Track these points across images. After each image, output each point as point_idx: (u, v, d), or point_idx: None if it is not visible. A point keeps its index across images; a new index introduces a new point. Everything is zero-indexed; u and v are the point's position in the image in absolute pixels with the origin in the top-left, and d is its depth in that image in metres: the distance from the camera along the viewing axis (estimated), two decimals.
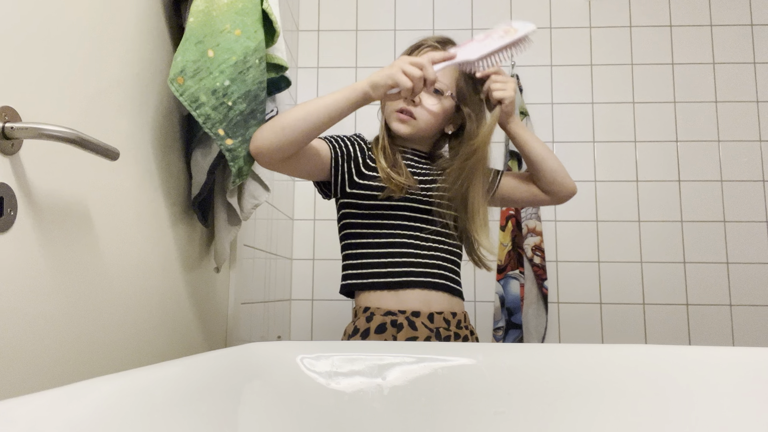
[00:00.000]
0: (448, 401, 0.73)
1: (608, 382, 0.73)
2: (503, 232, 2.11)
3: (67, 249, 0.77)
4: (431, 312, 1.13)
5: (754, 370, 0.71)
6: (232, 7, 1.04)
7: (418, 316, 1.12)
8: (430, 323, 1.12)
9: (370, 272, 1.15)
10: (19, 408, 0.40)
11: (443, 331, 1.14)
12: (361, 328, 1.12)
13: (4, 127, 0.65)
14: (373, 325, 1.11)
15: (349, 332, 1.15)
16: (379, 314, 1.12)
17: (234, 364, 0.70)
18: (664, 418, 0.69)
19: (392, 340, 1.10)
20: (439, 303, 1.15)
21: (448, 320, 1.15)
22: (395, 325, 1.11)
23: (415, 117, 1.15)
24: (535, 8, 2.28)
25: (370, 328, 1.11)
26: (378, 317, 1.12)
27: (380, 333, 1.11)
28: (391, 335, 1.10)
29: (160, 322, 1.06)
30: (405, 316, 1.11)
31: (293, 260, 2.20)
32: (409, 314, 1.12)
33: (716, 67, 2.22)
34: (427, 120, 1.16)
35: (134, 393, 0.50)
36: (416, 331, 1.11)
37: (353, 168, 1.16)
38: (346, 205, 1.19)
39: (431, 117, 1.15)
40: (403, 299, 1.13)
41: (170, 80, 0.98)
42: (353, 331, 1.14)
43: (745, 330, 2.09)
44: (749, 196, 2.16)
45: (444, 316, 1.15)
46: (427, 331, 1.11)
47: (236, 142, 1.05)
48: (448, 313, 1.16)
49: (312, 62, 2.28)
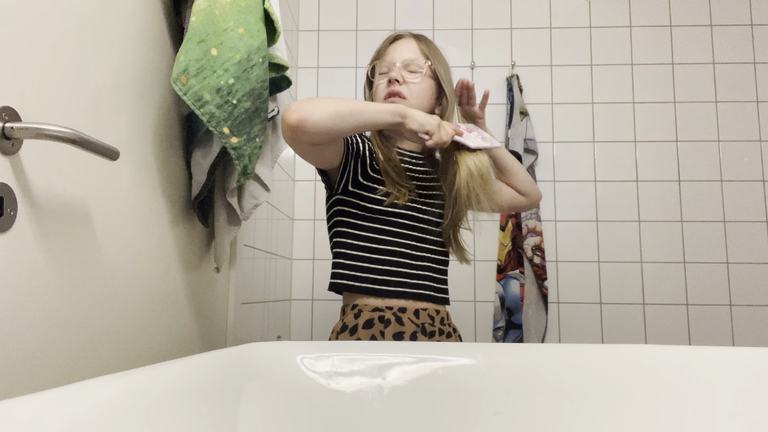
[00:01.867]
0: (448, 401, 0.73)
1: (608, 382, 0.73)
2: (503, 232, 2.11)
3: (67, 249, 0.77)
4: (416, 308, 1.16)
5: (754, 370, 0.71)
6: (235, 5, 1.03)
7: (404, 312, 1.14)
8: (416, 318, 1.15)
9: (361, 276, 1.15)
10: (19, 408, 0.40)
11: (428, 326, 1.16)
12: (349, 324, 1.14)
13: (4, 127, 0.65)
14: (361, 320, 1.13)
15: (337, 330, 1.17)
16: (366, 310, 1.14)
17: (234, 364, 0.70)
18: (664, 417, 0.69)
19: (380, 335, 1.12)
20: (425, 304, 1.18)
21: (432, 316, 1.18)
22: (383, 321, 1.13)
23: (404, 96, 1.17)
24: (535, 8, 2.28)
25: (358, 324, 1.13)
26: (366, 313, 1.14)
27: (368, 328, 1.12)
28: (379, 330, 1.12)
29: (160, 322, 1.06)
30: (392, 312, 1.14)
31: (293, 260, 2.20)
32: (396, 310, 1.14)
33: (716, 67, 2.22)
34: (417, 94, 1.18)
35: (134, 393, 0.50)
36: (403, 326, 1.13)
37: (359, 167, 1.16)
38: (343, 202, 1.19)
39: (419, 90, 1.18)
40: (391, 303, 1.15)
41: (173, 79, 0.98)
42: (341, 328, 1.15)
43: (745, 330, 2.09)
44: (749, 196, 2.16)
45: (428, 313, 1.17)
46: (413, 326, 1.14)
47: (241, 140, 1.05)
48: (432, 310, 1.18)
49: (312, 62, 2.28)
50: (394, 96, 1.17)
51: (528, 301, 2.08)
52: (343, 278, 1.17)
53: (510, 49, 2.26)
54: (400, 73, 1.18)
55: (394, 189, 1.15)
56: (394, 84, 1.17)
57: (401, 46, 1.22)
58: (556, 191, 2.19)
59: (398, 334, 1.12)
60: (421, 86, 1.19)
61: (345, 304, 1.19)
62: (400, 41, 1.23)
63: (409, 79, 1.18)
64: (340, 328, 1.16)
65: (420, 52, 1.21)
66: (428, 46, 1.23)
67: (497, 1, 2.29)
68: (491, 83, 2.22)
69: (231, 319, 1.42)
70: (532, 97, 2.23)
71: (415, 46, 1.21)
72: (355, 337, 1.13)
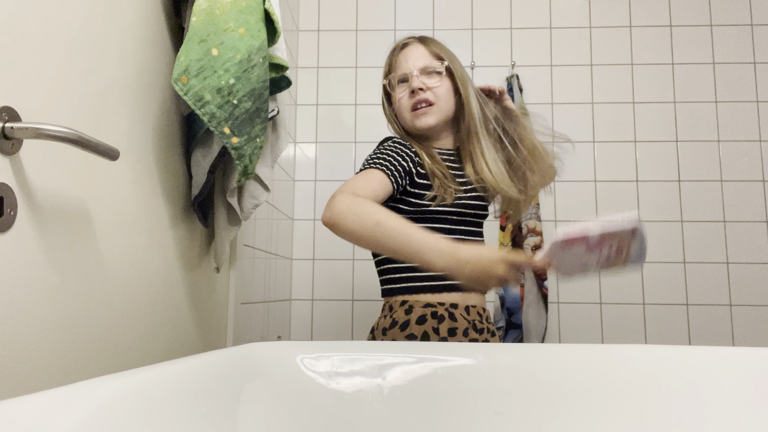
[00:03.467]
0: (448, 401, 0.73)
1: (608, 382, 0.73)
2: (503, 232, 2.11)
3: (67, 249, 0.77)
4: (467, 305, 1.15)
5: (754, 370, 0.71)
6: (236, 5, 1.03)
7: (456, 308, 1.13)
8: (467, 315, 1.14)
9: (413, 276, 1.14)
10: (19, 408, 0.40)
11: (478, 323, 1.15)
12: (399, 320, 1.12)
13: (4, 127, 0.65)
14: (414, 316, 1.11)
15: (384, 326, 1.13)
16: (418, 306, 1.12)
17: (234, 364, 0.70)
18: (664, 417, 0.69)
19: (432, 331, 1.09)
20: (473, 298, 1.17)
21: (480, 314, 1.17)
22: (435, 317, 1.11)
23: (432, 102, 1.17)
24: (535, 8, 2.28)
25: (410, 320, 1.11)
26: (418, 309, 1.12)
27: (421, 324, 1.10)
28: (431, 327, 1.10)
29: (160, 322, 1.06)
30: (444, 308, 1.12)
31: (293, 260, 2.20)
32: (447, 306, 1.13)
33: (716, 67, 2.22)
34: (442, 96, 1.18)
35: (134, 393, 0.50)
36: (456, 322, 1.11)
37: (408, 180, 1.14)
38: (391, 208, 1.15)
39: (443, 92, 1.18)
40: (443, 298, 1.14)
41: (174, 79, 0.98)
42: (391, 324, 1.12)
43: (745, 330, 2.09)
44: (749, 196, 2.16)
45: (477, 310, 1.17)
46: (465, 322, 1.12)
47: (242, 140, 1.05)
48: (480, 308, 1.18)
49: (312, 62, 2.28)
50: (421, 104, 1.16)
51: (528, 301, 2.08)
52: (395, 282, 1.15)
53: (510, 49, 2.26)
54: (421, 81, 1.17)
55: (441, 190, 1.13)
56: (418, 93, 1.16)
57: (411, 53, 1.21)
58: (555, 191, 2.19)
59: (452, 330, 1.10)
60: (443, 88, 1.18)
61: (393, 301, 1.16)
62: (408, 48, 1.22)
63: (430, 84, 1.17)
64: (389, 325, 1.13)
65: (432, 55, 1.20)
66: (437, 46, 1.22)
67: (497, 1, 2.29)
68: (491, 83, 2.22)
69: (231, 319, 1.42)
70: (532, 97, 2.23)
71: (424, 51, 1.21)
72: (407, 333, 1.10)
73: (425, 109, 1.17)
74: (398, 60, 1.22)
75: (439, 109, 1.17)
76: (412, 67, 1.19)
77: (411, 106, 1.18)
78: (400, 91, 1.20)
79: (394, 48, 1.25)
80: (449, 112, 1.20)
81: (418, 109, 1.18)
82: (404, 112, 1.20)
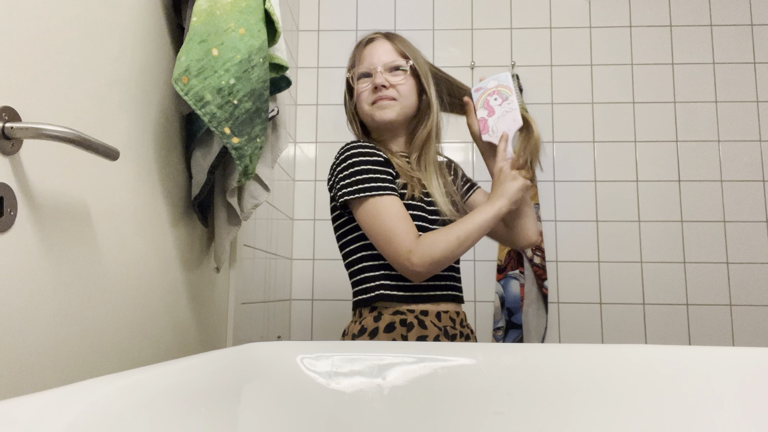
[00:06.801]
0: (448, 401, 0.73)
1: (608, 382, 0.73)
2: None
3: (67, 249, 0.77)
4: (438, 311, 1.13)
5: (754, 370, 0.71)
6: (236, 6, 1.03)
7: (426, 315, 1.11)
8: (438, 321, 1.12)
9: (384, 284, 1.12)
10: (19, 408, 0.40)
11: (450, 329, 1.13)
12: (368, 327, 1.10)
13: (4, 127, 0.65)
14: (382, 324, 1.10)
15: (354, 332, 1.12)
16: (387, 313, 1.11)
17: (234, 364, 0.70)
18: (664, 418, 0.69)
19: (401, 339, 1.08)
20: (445, 305, 1.16)
21: (453, 318, 1.15)
22: (405, 324, 1.09)
23: (395, 97, 1.16)
24: (535, 8, 2.28)
25: (378, 327, 1.10)
26: (387, 316, 1.10)
27: (389, 332, 1.09)
28: (400, 334, 1.08)
29: (160, 322, 1.06)
30: (414, 315, 1.10)
31: (293, 260, 2.20)
32: (417, 313, 1.11)
33: (716, 67, 2.22)
34: (405, 94, 1.17)
35: (134, 393, 0.50)
36: (426, 329, 1.09)
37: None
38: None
39: (406, 90, 1.17)
40: (412, 306, 1.12)
41: (174, 80, 0.98)
42: (359, 330, 1.11)
43: (745, 330, 2.09)
44: (749, 196, 2.16)
45: (450, 315, 1.15)
46: (436, 329, 1.11)
47: (242, 140, 1.05)
48: (453, 312, 1.16)
49: (312, 62, 2.28)
50: (382, 100, 1.16)
51: (528, 301, 2.08)
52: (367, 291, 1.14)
53: (510, 49, 2.26)
54: (384, 77, 1.16)
55: (407, 179, 1.13)
56: (381, 90, 1.16)
57: (376, 48, 1.20)
58: (556, 191, 2.19)
59: (421, 338, 1.08)
60: (406, 86, 1.17)
61: (361, 307, 1.15)
62: (374, 44, 1.21)
63: (394, 81, 1.16)
64: (357, 332, 1.11)
65: (397, 53, 1.19)
66: (403, 44, 1.21)
67: (497, 1, 2.29)
68: None
69: (231, 319, 1.42)
70: (532, 97, 2.23)
71: (390, 47, 1.20)
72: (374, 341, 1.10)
73: (386, 102, 1.16)
74: (363, 55, 1.21)
75: (400, 104, 1.16)
76: (376, 63, 1.18)
77: (371, 101, 1.17)
78: (363, 85, 1.19)
79: (359, 42, 1.24)
80: (410, 110, 1.19)
81: (377, 101, 1.16)
82: (364, 104, 1.18)
